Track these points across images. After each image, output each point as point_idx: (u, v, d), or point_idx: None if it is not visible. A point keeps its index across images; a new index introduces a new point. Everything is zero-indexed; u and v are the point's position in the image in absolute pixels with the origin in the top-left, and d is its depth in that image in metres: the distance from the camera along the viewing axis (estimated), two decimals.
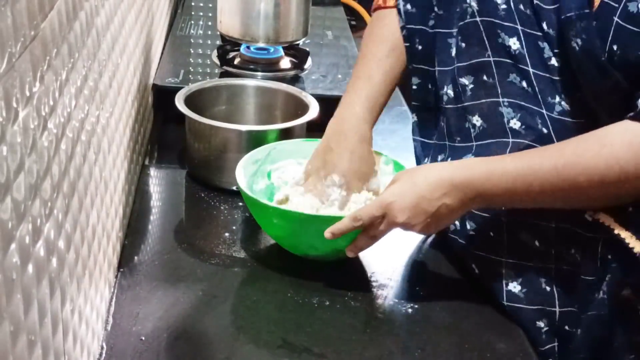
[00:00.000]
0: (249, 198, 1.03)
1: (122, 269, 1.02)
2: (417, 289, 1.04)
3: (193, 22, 1.86)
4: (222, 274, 1.04)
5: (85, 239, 0.77)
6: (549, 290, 0.97)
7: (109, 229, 0.94)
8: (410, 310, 0.99)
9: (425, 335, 0.95)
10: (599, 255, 0.92)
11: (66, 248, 0.67)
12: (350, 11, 2.25)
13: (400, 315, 0.99)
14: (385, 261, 1.09)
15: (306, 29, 1.61)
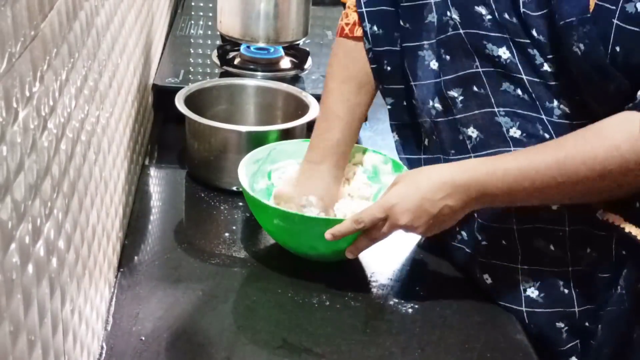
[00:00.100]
0: (251, 198, 1.03)
1: (122, 269, 1.02)
2: (417, 289, 1.04)
3: (193, 22, 1.85)
4: (222, 274, 1.04)
5: (85, 239, 0.77)
6: (567, 292, 0.98)
7: (109, 229, 0.94)
8: (410, 310, 0.99)
9: (425, 335, 0.95)
10: (614, 252, 0.93)
11: (66, 248, 0.67)
12: None
13: (400, 315, 0.99)
14: (385, 261, 1.09)
15: (306, 29, 1.61)
